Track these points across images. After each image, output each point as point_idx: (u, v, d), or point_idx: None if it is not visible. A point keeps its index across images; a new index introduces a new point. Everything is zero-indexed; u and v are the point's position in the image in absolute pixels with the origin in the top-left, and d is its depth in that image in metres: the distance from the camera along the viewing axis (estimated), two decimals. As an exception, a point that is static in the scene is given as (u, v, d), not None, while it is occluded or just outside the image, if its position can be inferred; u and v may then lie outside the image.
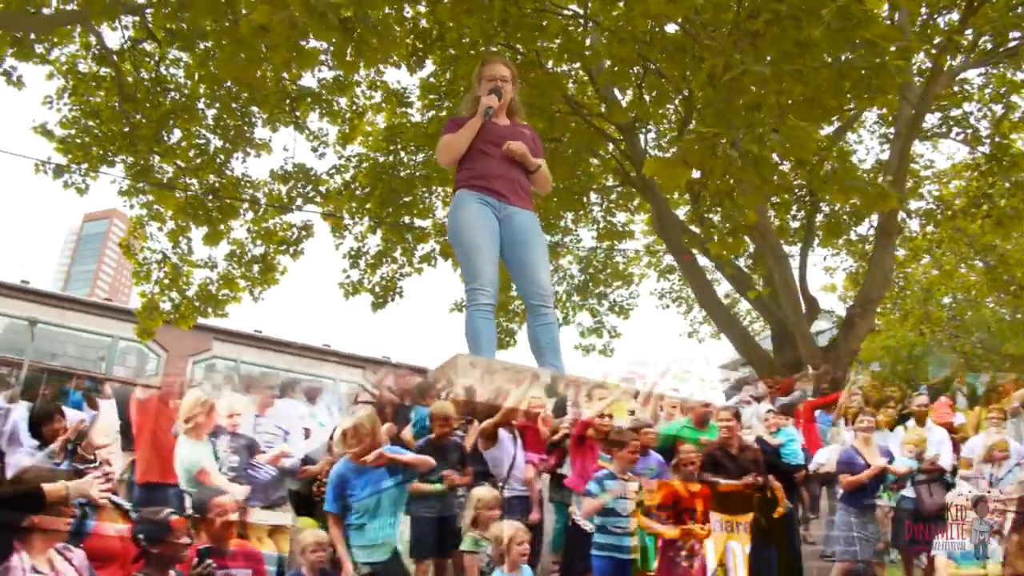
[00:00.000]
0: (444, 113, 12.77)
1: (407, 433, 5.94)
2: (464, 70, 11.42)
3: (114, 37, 11.94)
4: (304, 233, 14.37)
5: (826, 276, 16.04)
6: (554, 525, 6.70)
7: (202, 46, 12.19)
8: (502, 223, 4.69)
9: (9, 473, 4.82)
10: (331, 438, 5.71)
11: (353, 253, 14.78)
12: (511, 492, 5.73)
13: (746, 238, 12.15)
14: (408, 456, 4.84)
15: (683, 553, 5.86)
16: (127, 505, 4.61)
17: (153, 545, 4.17)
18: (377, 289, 14.78)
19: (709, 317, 14.40)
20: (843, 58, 7.30)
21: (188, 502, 5.18)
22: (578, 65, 12.66)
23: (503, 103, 4.86)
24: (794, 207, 13.46)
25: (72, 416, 5.55)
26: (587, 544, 5.62)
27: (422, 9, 11.64)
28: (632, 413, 6.76)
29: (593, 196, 16.00)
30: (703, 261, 13.42)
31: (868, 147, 28.86)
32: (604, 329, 16.83)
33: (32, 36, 11.73)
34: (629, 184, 13.93)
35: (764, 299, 12.58)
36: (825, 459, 7.54)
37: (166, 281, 14.36)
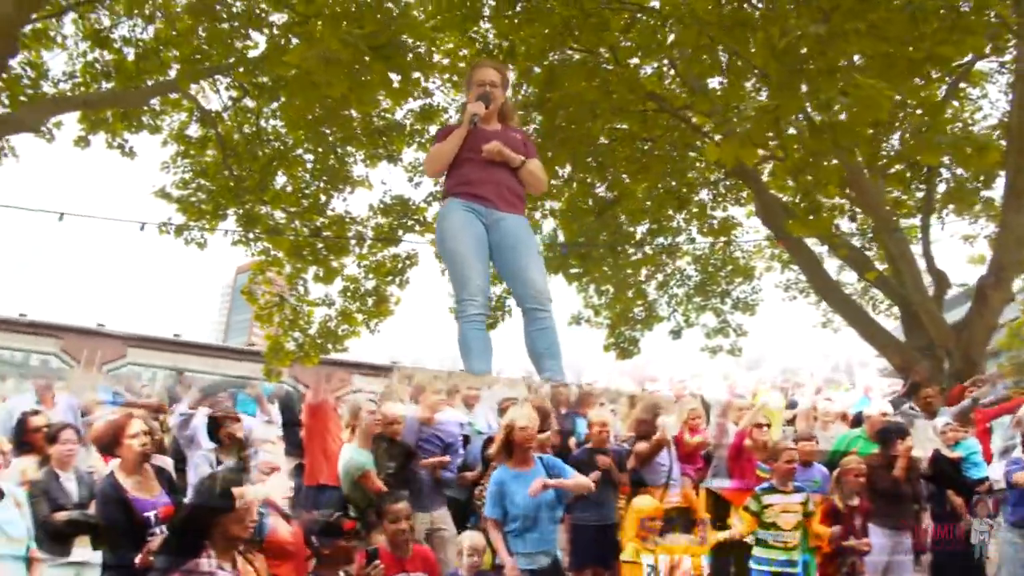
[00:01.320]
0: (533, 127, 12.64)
1: (572, 443, 6.05)
2: (536, 81, 11.29)
3: (217, 98, 13.03)
4: (409, 262, 14.60)
5: (967, 246, 14.46)
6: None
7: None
8: (490, 229, 4.48)
9: (190, 475, 5.20)
10: (486, 446, 5.78)
11: (459, 277, 14.81)
12: (668, 504, 5.73)
13: (856, 211, 11.29)
14: (569, 482, 4.97)
15: (844, 570, 5.79)
16: (289, 512, 4.86)
17: (325, 546, 4.44)
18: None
19: (827, 304, 13.42)
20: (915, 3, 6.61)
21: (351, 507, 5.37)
22: (662, 58, 12.26)
23: (492, 109, 4.67)
24: (909, 176, 12.32)
25: (247, 422, 5.86)
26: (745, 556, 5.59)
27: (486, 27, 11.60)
28: (791, 423, 6.49)
29: (704, 193, 15.43)
30: (821, 248, 12.64)
31: (992, 100, 25.93)
32: (730, 328, 16.16)
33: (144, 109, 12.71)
34: (733, 175, 13.29)
35: (887, 279, 11.59)
36: (996, 475, 6.79)
37: (287, 322, 15.01)
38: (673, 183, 13.49)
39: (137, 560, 4.04)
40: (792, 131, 7.33)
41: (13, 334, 19.49)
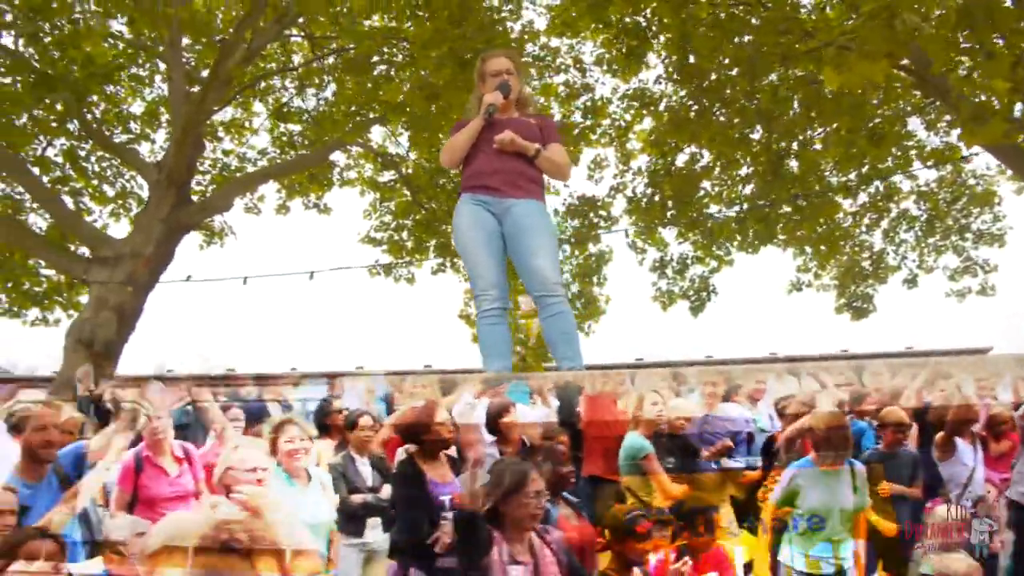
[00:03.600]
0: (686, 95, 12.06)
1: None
2: (672, 50, 10.81)
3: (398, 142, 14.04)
4: (600, 260, 14.53)
5: None
6: (1010, 550, 5.87)
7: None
8: (502, 219, 4.37)
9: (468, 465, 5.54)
10: (769, 444, 5.72)
11: (657, 264, 14.49)
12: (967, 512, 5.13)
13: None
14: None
15: None
16: (575, 500, 4.89)
17: (618, 543, 4.42)
18: (691, 293, 14.27)
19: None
20: None
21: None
22: None
23: (512, 98, 4.55)
24: None
25: (523, 412, 6.24)
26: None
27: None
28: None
29: (915, 123, 13.79)
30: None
31: None
32: (976, 265, 14.24)
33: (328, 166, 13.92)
34: (934, 94, 11.75)
35: None
36: None
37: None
38: (869, 122, 12.20)
39: (430, 542, 4.32)
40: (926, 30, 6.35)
41: (288, 387, 21.95)
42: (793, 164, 12.34)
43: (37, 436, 4.02)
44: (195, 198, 10.84)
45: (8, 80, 9.72)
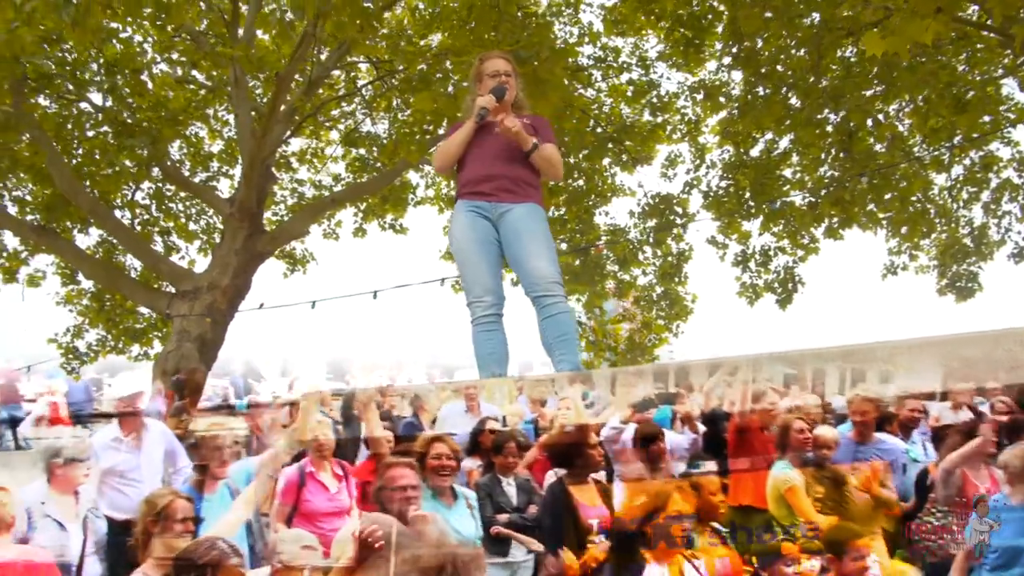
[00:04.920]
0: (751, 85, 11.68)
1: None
2: (727, 36, 10.50)
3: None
4: (681, 258, 14.23)
5: None
6: None
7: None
8: (498, 224, 4.33)
9: (617, 488, 5.28)
10: (923, 478, 5.56)
11: (739, 259, 14.06)
12: None
13: None
14: None
15: None
16: (724, 530, 4.87)
17: (763, 568, 4.44)
18: (776, 285, 13.75)
19: None
20: None
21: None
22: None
23: (507, 100, 4.51)
24: None
25: (669, 438, 6.30)
26: None
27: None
28: None
29: (1011, 85, 12.89)
30: None
31: None
32: (1102, 237, 13.19)
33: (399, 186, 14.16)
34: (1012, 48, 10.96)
35: None
36: None
37: (592, 346, 15.37)
38: (950, 88, 11.48)
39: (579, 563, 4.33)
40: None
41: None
42: (868, 142, 11.74)
43: (212, 455, 4.34)
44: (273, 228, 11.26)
45: (93, 133, 10.42)
